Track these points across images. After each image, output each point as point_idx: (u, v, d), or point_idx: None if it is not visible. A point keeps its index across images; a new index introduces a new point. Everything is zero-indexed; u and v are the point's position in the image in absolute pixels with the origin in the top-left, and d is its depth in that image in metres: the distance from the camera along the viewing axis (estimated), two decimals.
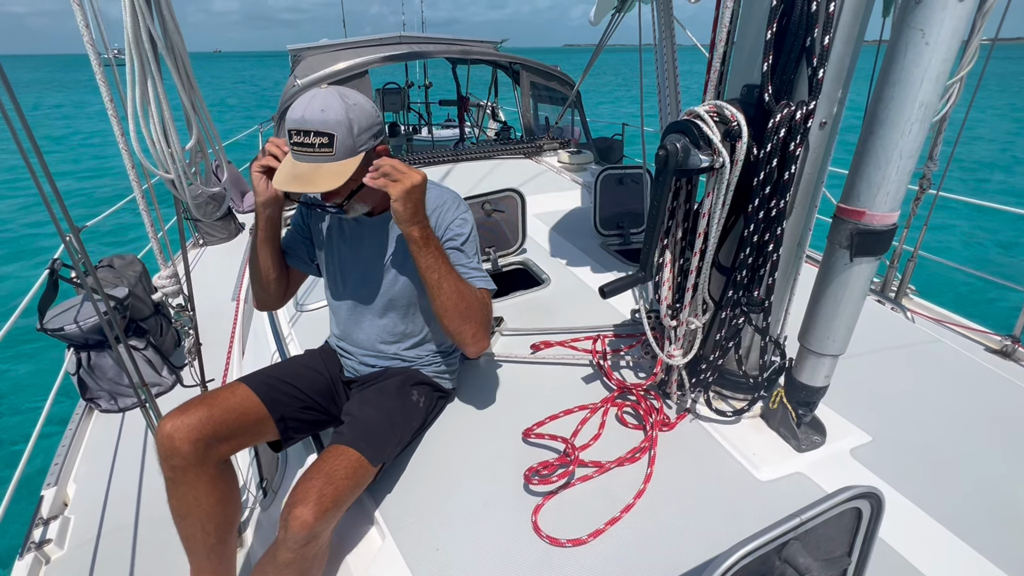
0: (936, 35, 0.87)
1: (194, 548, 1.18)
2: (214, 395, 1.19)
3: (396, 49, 4.12)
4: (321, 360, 1.44)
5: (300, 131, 1.08)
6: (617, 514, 1.12)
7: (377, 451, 1.16)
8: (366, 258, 1.35)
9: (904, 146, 0.96)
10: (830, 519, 0.75)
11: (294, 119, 1.09)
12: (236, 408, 1.18)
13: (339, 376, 1.44)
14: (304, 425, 1.33)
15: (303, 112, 1.08)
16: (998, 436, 1.37)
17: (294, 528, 0.97)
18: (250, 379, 1.27)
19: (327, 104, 1.08)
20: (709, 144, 1.08)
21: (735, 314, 1.22)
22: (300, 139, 1.08)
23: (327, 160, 1.10)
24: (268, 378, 1.28)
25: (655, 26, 2.61)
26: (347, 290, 1.38)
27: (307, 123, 1.08)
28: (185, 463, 1.10)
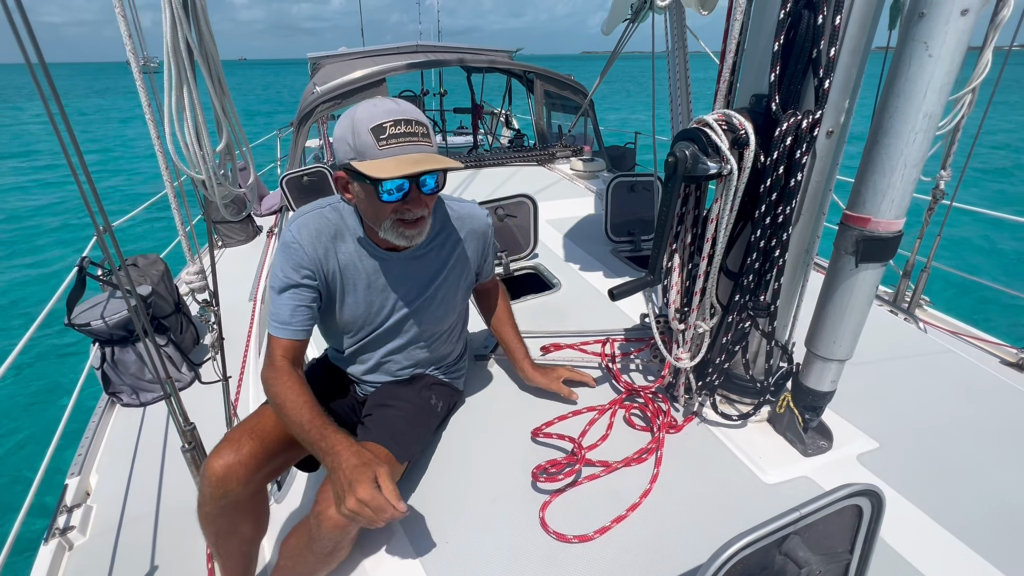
0: (939, 47, 0.90)
1: (228, 556, 1.21)
2: (260, 425, 1.15)
3: (413, 57, 4.21)
4: (338, 371, 1.41)
5: (400, 120, 1.00)
6: (623, 512, 1.14)
7: (404, 448, 1.17)
8: (404, 297, 1.25)
9: (909, 155, 0.98)
10: (831, 515, 0.77)
11: (386, 110, 1.00)
12: (282, 435, 1.13)
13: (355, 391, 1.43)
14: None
15: (392, 104, 1.01)
16: (1008, 447, 1.37)
17: (327, 527, 0.97)
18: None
19: (401, 104, 1.03)
20: (717, 151, 1.11)
21: (742, 318, 1.25)
22: (403, 128, 1.00)
23: (431, 151, 1.05)
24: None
25: (668, 36, 2.65)
26: (384, 331, 1.28)
27: (405, 112, 1.01)
28: (236, 501, 1.09)
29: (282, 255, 1.13)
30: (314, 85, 4.08)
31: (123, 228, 3.65)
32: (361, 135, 1.00)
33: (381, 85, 3.79)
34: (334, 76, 3.94)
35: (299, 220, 1.15)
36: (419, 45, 4.81)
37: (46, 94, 0.88)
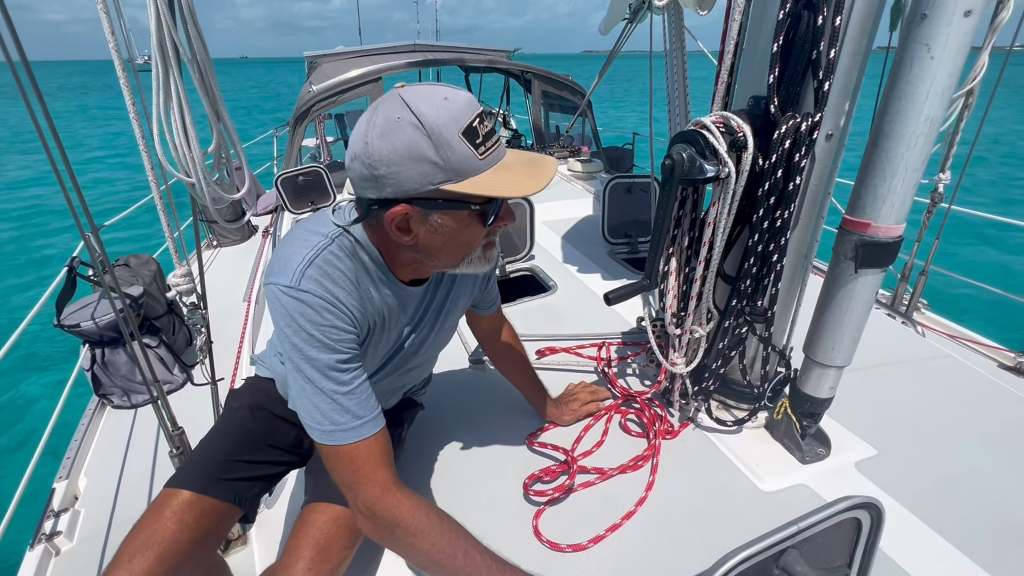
0: (941, 49, 0.88)
1: None
2: (154, 527, 0.89)
3: (410, 57, 4.19)
4: (279, 400, 1.12)
5: (480, 113, 0.76)
6: (618, 520, 1.12)
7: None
8: (420, 331, 1.07)
9: (910, 159, 0.97)
10: (829, 529, 0.75)
11: (459, 104, 0.73)
12: (186, 532, 0.90)
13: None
14: (269, 480, 1.10)
15: (445, 90, 0.75)
16: (1008, 453, 1.35)
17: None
18: (193, 479, 0.96)
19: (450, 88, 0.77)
20: (715, 154, 1.09)
21: (738, 323, 1.23)
22: (487, 123, 0.77)
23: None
24: (217, 467, 0.99)
25: (666, 36, 2.63)
26: (390, 367, 1.09)
27: (470, 100, 0.76)
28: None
29: (319, 327, 0.80)
30: (310, 84, 4.05)
31: (119, 227, 3.61)
32: (453, 146, 0.72)
33: (377, 84, 3.76)
34: (331, 75, 3.92)
35: (309, 274, 0.80)
36: (416, 44, 4.79)
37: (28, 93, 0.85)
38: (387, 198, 0.77)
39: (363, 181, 0.77)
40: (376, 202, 0.78)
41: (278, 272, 0.81)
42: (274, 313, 0.82)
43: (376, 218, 0.82)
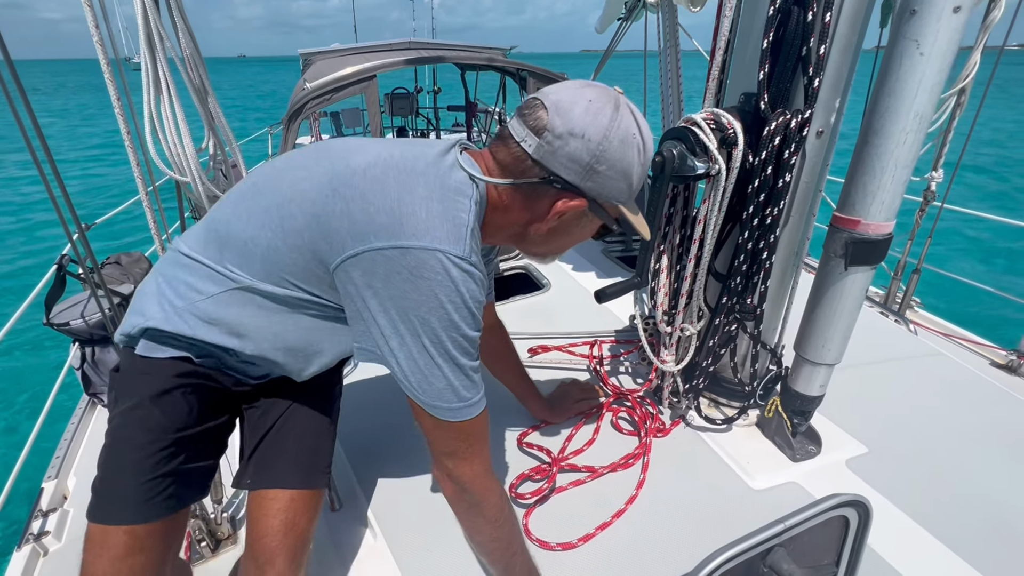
0: (931, 46, 0.88)
1: None
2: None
3: (405, 54, 4.16)
4: (211, 384, 0.90)
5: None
6: (608, 519, 1.12)
7: (323, 470, 0.99)
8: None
9: (899, 156, 0.96)
10: (816, 527, 0.75)
11: (649, 140, 0.79)
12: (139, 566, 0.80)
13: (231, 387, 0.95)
14: (211, 458, 0.94)
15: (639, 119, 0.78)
16: (998, 450, 1.36)
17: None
18: (121, 512, 0.81)
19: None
20: (705, 151, 1.08)
21: (728, 321, 1.22)
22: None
23: None
24: (144, 487, 0.81)
25: (660, 33, 2.63)
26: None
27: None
28: None
29: (477, 303, 0.75)
30: (304, 81, 4.03)
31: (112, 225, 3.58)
32: (641, 179, 0.80)
33: (372, 81, 3.74)
34: (325, 72, 3.89)
35: (472, 245, 0.75)
36: (412, 42, 4.77)
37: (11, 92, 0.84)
38: (575, 185, 0.77)
39: (571, 161, 0.75)
40: (561, 181, 0.76)
41: (438, 235, 0.72)
42: (422, 282, 0.71)
43: (536, 190, 0.79)
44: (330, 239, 0.75)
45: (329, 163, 0.79)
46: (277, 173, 0.83)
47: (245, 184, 0.87)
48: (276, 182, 0.82)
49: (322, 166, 0.79)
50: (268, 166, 0.87)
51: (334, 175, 0.77)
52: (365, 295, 0.74)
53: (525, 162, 0.77)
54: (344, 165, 0.78)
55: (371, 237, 0.72)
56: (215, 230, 0.84)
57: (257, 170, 0.90)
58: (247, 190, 0.85)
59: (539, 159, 0.75)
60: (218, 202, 0.90)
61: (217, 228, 0.84)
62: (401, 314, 0.73)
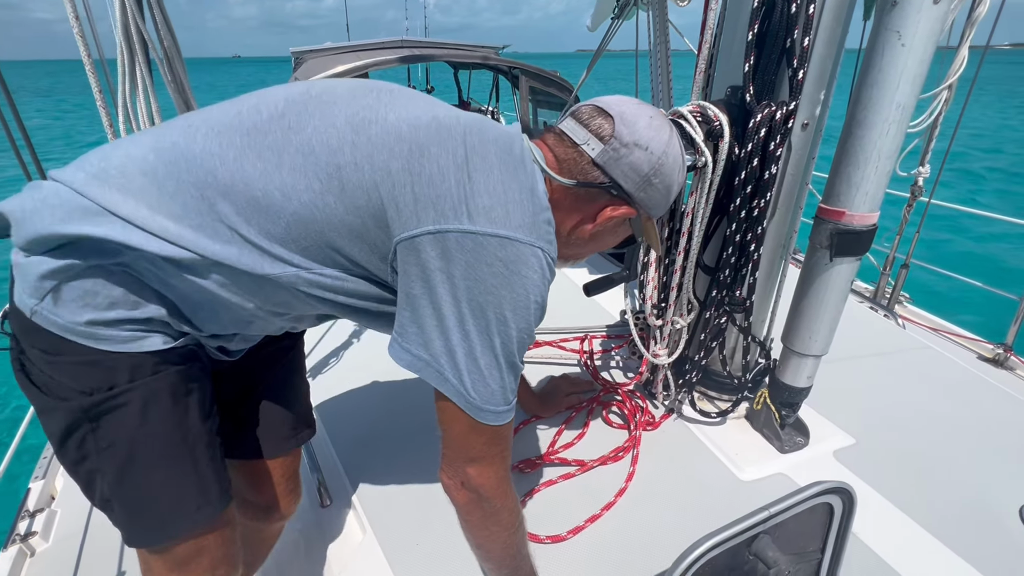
0: (912, 36, 0.88)
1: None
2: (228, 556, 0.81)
3: (397, 52, 4.16)
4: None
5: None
6: (598, 511, 1.12)
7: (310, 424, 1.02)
8: None
9: (883, 146, 0.97)
10: (801, 514, 0.75)
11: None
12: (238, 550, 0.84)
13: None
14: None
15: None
16: (982, 442, 1.37)
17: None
18: (207, 508, 0.77)
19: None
20: (692, 144, 1.09)
21: (718, 314, 1.23)
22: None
23: None
24: (206, 474, 0.78)
25: (650, 31, 2.64)
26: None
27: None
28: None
29: (542, 304, 0.73)
30: (295, 80, 4.01)
31: None
32: (672, 199, 0.83)
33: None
34: (316, 71, 3.88)
35: (541, 233, 0.72)
36: (404, 40, 4.75)
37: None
38: (629, 193, 0.78)
39: (631, 170, 0.76)
40: (619, 189, 0.77)
41: (540, 232, 0.70)
42: (517, 279, 0.68)
43: (591, 193, 0.78)
44: (403, 204, 0.66)
45: (397, 109, 0.70)
46: (297, 108, 0.69)
47: (222, 117, 0.69)
48: (301, 119, 0.68)
49: (389, 111, 0.70)
50: (261, 98, 0.72)
51: (417, 126, 0.69)
52: (435, 280, 0.67)
53: (586, 165, 0.76)
54: (429, 116, 0.70)
55: (464, 217, 0.66)
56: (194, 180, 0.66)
57: (239, 103, 0.72)
58: (233, 125, 0.68)
59: (602, 164, 0.75)
60: (152, 135, 0.70)
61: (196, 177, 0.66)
62: (476, 308, 0.67)
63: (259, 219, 0.67)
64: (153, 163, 0.66)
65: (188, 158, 0.66)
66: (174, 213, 0.65)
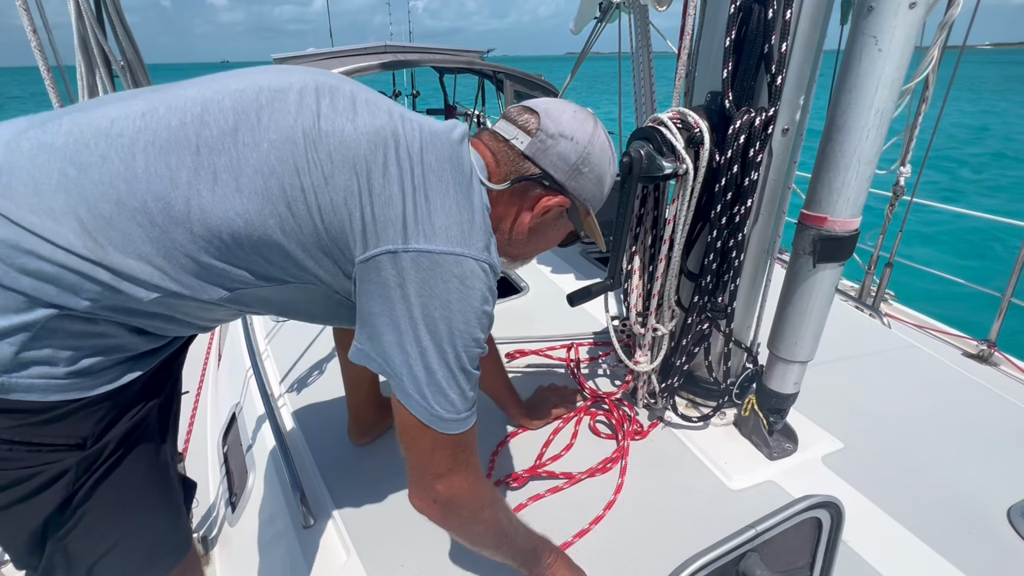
0: (888, 42, 0.88)
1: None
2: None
3: (381, 58, 4.12)
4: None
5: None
6: (586, 526, 1.10)
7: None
8: None
9: (862, 152, 0.97)
10: (789, 530, 0.74)
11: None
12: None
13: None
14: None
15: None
16: (970, 441, 1.37)
17: None
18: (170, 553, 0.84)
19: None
20: (672, 151, 1.08)
21: (701, 320, 1.22)
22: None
23: None
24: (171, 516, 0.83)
25: (632, 34, 2.64)
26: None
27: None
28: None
29: (478, 309, 0.72)
30: None
31: None
32: (607, 190, 0.89)
33: None
34: None
35: (493, 246, 0.75)
36: (388, 46, 4.72)
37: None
38: (562, 183, 0.82)
39: (560, 160, 0.80)
40: (550, 179, 0.81)
41: (481, 245, 0.71)
42: (470, 292, 0.69)
43: (525, 187, 0.81)
44: (363, 224, 0.67)
45: (355, 119, 0.68)
46: (250, 121, 0.65)
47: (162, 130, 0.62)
48: (255, 134, 0.64)
49: (346, 121, 0.68)
50: (206, 107, 0.65)
51: (375, 144, 0.67)
52: (393, 297, 0.68)
53: (517, 158, 0.80)
54: (389, 131, 0.69)
55: (422, 237, 0.67)
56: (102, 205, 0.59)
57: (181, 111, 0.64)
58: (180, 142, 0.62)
59: (531, 155, 0.80)
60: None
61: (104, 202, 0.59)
62: (431, 322, 0.69)
63: (219, 247, 0.64)
64: (77, 180, 0.59)
65: (129, 179, 0.60)
66: (114, 242, 0.60)
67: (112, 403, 0.68)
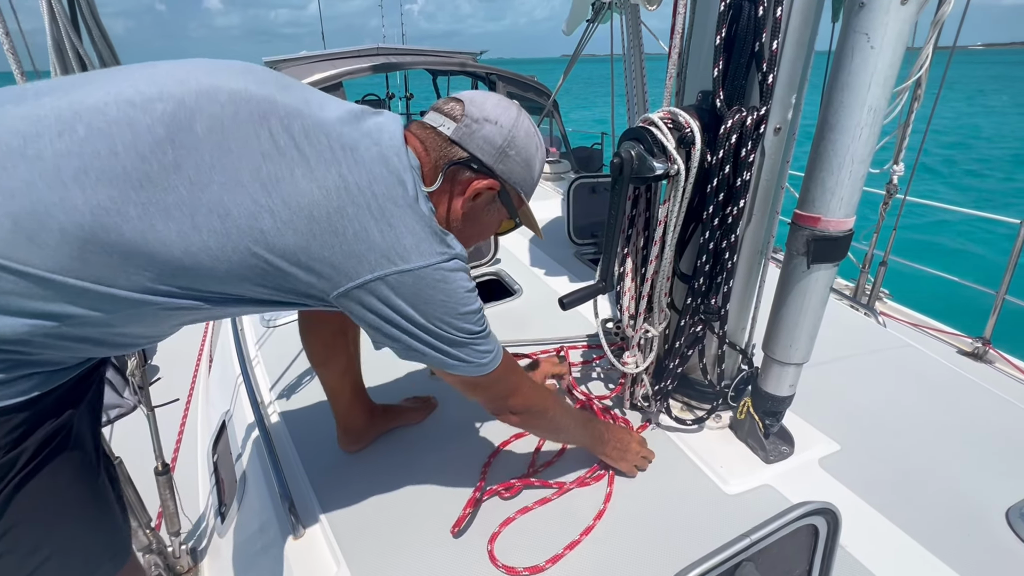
0: (880, 39, 0.87)
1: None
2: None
3: (373, 60, 4.10)
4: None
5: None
6: (577, 537, 1.08)
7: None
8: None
9: (856, 151, 0.95)
10: (784, 538, 0.72)
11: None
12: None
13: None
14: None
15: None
16: (967, 442, 1.36)
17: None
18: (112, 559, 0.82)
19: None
20: (663, 151, 1.06)
21: (694, 322, 1.20)
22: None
23: None
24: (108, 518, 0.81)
25: (623, 34, 2.63)
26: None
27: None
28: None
29: (465, 293, 0.81)
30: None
31: None
32: (537, 175, 0.92)
33: (338, 89, 3.67)
34: None
35: (442, 237, 0.80)
36: (380, 48, 4.70)
37: None
38: (489, 167, 0.85)
39: (485, 143, 0.83)
40: (478, 162, 0.84)
41: (440, 248, 0.78)
42: (451, 287, 0.79)
43: (454, 173, 0.85)
44: (334, 263, 0.71)
45: (301, 163, 0.68)
46: (192, 157, 0.62)
47: (93, 159, 0.58)
48: (200, 173, 0.63)
49: (295, 167, 0.68)
50: (135, 131, 0.61)
51: (328, 190, 0.69)
52: (390, 317, 0.77)
53: (445, 144, 0.84)
54: (336, 176, 0.70)
55: (398, 259, 0.74)
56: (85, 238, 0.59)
57: (107, 136, 0.60)
58: (118, 174, 0.59)
59: (458, 139, 0.83)
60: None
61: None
62: (435, 321, 0.79)
63: (184, 279, 0.66)
64: (3, 204, 0.56)
65: (68, 210, 0.57)
66: (64, 267, 0.59)
67: (30, 412, 0.65)
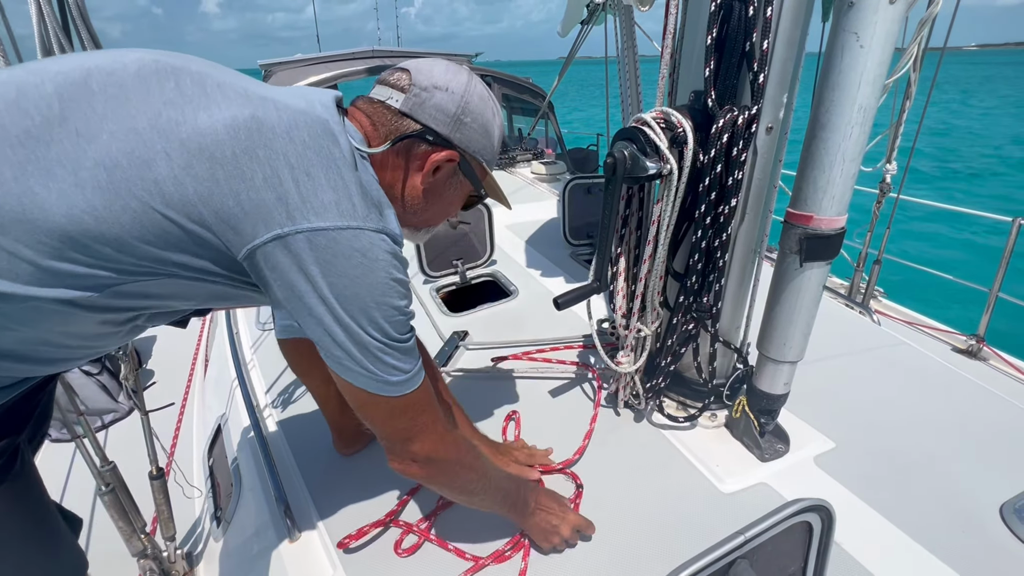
0: (870, 38, 0.87)
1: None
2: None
3: (368, 63, 4.11)
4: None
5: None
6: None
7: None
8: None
9: (846, 149, 0.96)
10: (779, 535, 0.73)
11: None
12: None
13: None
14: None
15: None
16: (961, 438, 1.37)
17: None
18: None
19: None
20: (656, 151, 1.06)
21: (686, 320, 1.21)
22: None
23: None
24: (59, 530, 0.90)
25: (617, 36, 2.64)
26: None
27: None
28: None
29: (387, 279, 0.70)
30: None
31: None
32: (496, 142, 0.85)
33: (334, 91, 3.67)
34: (286, 83, 3.81)
35: (387, 214, 0.73)
36: (375, 51, 4.71)
37: None
38: (446, 137, 0.78)
39: (438, 111, 0.76)
40: (433, 133, 0.77)
41: (367, 213, 0.68)
42: (376, 264, 0.68)
43: (409, 148, 0.78)
44: (241, 214, 0.61)
45: (208, 106, 0.62)
46: (81, 108, 0.58)
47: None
48: (90, 123, 0.57)
49: (199, 110, 0.61)
50: (22, 91, 0.57)
51: (236, 127, 0.61)
52: (298, 284, 0.65)
53: (395, 117, 0.76)
54: (247, 114, 0.63)
55: (312, 215, 0.63)
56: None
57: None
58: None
59: (408, 111, 0.76)
60: None
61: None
62: (345, 300, 0.67)
63: (68, 249, 0.57)
64: None
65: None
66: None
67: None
